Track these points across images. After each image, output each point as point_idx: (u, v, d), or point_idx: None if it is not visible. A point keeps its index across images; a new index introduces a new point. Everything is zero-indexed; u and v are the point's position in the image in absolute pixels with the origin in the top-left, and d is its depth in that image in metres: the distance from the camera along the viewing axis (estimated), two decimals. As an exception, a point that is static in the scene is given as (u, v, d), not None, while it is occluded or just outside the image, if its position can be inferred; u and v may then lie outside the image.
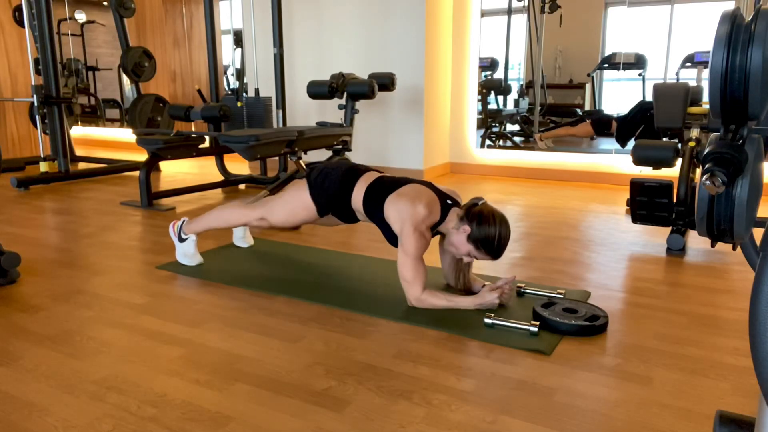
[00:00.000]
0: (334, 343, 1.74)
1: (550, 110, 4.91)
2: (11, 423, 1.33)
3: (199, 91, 4.55)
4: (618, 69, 4.51)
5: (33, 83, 4.38)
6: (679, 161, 2.68)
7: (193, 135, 3.92)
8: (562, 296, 2.07)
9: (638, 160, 2.67)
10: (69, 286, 2.25)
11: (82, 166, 5.42)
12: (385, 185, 2.08)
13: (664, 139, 3.15)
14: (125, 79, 6.98)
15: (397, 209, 1.98)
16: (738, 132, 0.92)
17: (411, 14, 4.52)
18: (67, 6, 6.68)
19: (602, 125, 4.71)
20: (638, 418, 1.34)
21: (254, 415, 1.36)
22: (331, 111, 4.96)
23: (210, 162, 5.69)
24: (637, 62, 4.45)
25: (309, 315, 1.96)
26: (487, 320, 1.82)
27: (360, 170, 2.19)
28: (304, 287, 2.21)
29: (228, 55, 7.25)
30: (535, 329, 1.75)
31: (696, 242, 2.84)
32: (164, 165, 5.48)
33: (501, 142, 5.12)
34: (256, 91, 4.53)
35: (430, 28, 4.59)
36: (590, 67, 4.65)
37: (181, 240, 2.49)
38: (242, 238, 2.76)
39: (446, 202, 2.03)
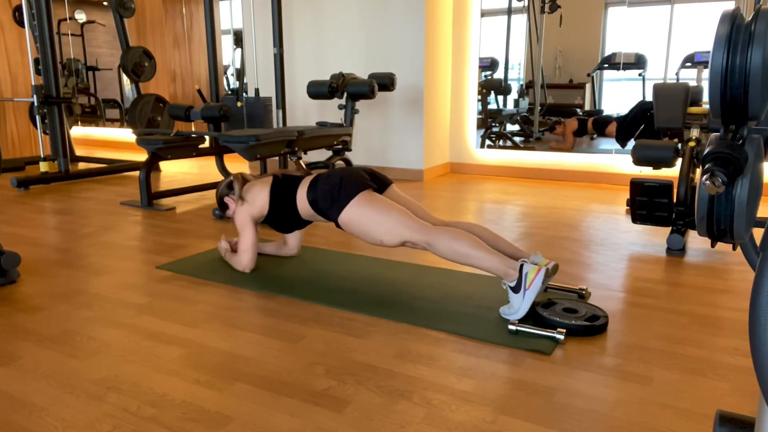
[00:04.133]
0: (334, 343, 1.74)
1: (550, 110, 4.91)
2: (11, 423, 1.33)
3: (199, 91, 4.55)
4: (618, 69, 4.51)
5: (33, 83, 4.38)
6: (679, 161, 2.68)
7: (193, 135, 3.92)
8: (583, 292, 2.10)
9: (638, 160, 2.66)
10: (69, 286, 2.25)
11: (82, 166, 5.42)
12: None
13: (664, 139, 3.14)
14: (125, 79, 6.99)
15: None
16: (738, 132, 0.92)
17: (411, 14, 4.52)
18: (67, 6, 6.68)
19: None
20: (638, 418, 1.34)
21: (254, 415, 1.36)
22: (331, 111, 4.96)
23: (210, 162, 5.69)
24: (637, 62, 4.45)
25: (309, 315, 1.96)
26: (511, 327, 1.79)
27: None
28: (304, 287, 2.21)
29: (228, 55, 7.25)
30: (561, 336, 1.73)
31: (696, 242, 2.84)
32: (164, 165, 5.48)
33: (501, 142, 5.12)
34: (256, 91, 4.54)
35: (430, 28, 4.59)
36: (590, 67, 4.65)
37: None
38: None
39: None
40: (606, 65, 4.58)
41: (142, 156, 5.90)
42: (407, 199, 2.24)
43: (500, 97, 5.08)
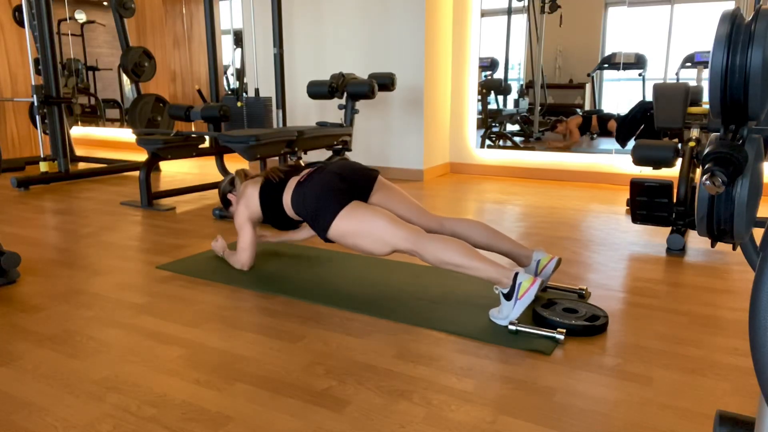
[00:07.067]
0: (334, 343, 1.74)
1: (550, 110, 4.91)
2: (11, 423, 1.33)
3: (199, 91, 4.55)
4: (618, 69, 4.51)
5: (33, 83, 4.38)
6: (679, 161, 2.68)
7: (193, 135, 3.92)
8: (583, 292, 2.10)
9: (638, 160, 2.66)
10: (69, 286, 2.25)
11: (82, 166, 5.42)
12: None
13: (664, 139, 3.14)
14: (125, 79, 6.99)
15: None
16: (738, 132, 0.92)
17: (411, 14, 4.52)
18: (67, 6, 6.68)
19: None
20: (638, 418, 1.34)
21: (254, 415, 1.36)
22: (331, 111, 4.96)
23: (210, 162, 5.69)
24: (637, 62, 4.45)
25: (309, 315, 1.96)
26: (511, 327, 1.79)
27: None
28: (304, 287, 2.21)
29: (228, 55, 7.25)
30: (561, 336, 1.73)
31: (696, 242, 2.84)
32: (164, 165, 5.48)
33: (501, 142, 5.12)
34: (256, 91, 4.53)
35: (430, 28, 4.59)
36: (590, 67, 4.65)
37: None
38: None
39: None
40: (606, 65, 4.58)
41: (142, 156, 5.90)
42: (397, 195, 2.22)
43: (500, 97, 5.08)
